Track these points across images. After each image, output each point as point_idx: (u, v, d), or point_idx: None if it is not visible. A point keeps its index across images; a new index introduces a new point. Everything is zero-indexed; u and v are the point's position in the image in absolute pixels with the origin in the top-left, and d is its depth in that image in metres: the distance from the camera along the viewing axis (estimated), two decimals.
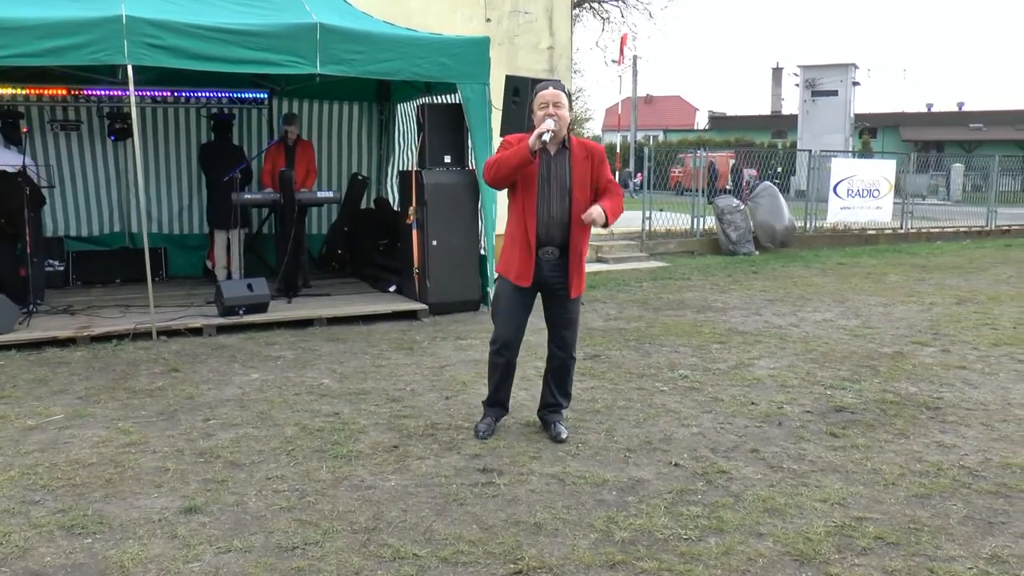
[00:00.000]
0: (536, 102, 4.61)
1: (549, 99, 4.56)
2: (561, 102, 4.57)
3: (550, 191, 4.63)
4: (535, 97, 4.63)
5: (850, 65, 42.24)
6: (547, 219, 4.63)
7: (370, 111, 11.84)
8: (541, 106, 4.56)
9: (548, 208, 4.63)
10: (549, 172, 4.64)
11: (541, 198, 4.62)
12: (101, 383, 6.03)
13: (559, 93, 4.59)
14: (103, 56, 7.11)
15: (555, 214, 4.63)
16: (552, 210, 4.63)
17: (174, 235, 10.95)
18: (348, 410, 5.45)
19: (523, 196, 4.63)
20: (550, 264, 4.69)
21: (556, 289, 4.75)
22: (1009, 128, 46.01)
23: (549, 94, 4.58)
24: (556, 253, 4.68)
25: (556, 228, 4.65)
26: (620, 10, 41.29)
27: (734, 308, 9.37)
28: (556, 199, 4.63)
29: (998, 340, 7.74)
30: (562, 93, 4.61)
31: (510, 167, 4.53)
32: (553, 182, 4.64)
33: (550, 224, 4.63)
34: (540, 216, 4.62)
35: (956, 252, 15.70)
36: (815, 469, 4.52)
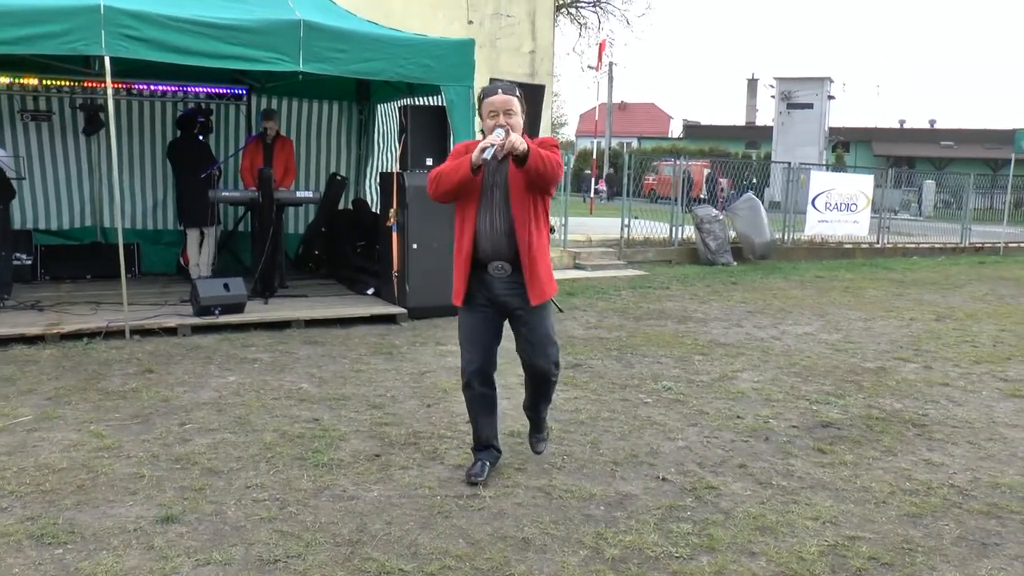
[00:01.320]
0: (484, 109, 4.04)
1: (499, 106, 3.99)
2: (513, 108, 4.00)
3: (492, 199, 4.09)
4: (482, 104, 4.06)
5: (825, 79, 42.61)
6: (489, 231, 4.07)
7: (350, 111, 11.70)
8: (491, 114, 4.00)
9: (490, 218, 4.08)
10: (492, 179, 4.10)
11: (483, 208, 4.09)
12: (72, 383, 5.84)
13: (510, 99, 4.01)
14: (80, 46, 6.93)
15: (499, 225, 4.07)
16: (495, 221, 4.07)
17: (147, 231, 10.74)
18: (328, 416, 5.31)
19: (463, 206, 4.14)
20: (503, 282, 4.13)
21: (514, 308, 4.18)
22: (979, 147, 46.66)
23: (499, 100, 4.00)
24: (508, 268, 4.11)
25: (502, 240, 4.07)
26: (598, 16, 41.46)
27: (715, 319, 9.33)
28: (499, 208, 4.08)
29: (979, 357, 7.75)
30: (514, 98, 4.03)
31: (451, 182, 4.01)
32: (495, 190, 4.10)
33: (494, 236, 4.07)
34: (481, 228, 4.08)
35: (932, 268, 15.81)
36: (804, 486, 4.46)
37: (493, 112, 4.00)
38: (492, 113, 4.00)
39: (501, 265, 4.11)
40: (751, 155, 46.05)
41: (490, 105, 4.01)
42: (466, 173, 3.95)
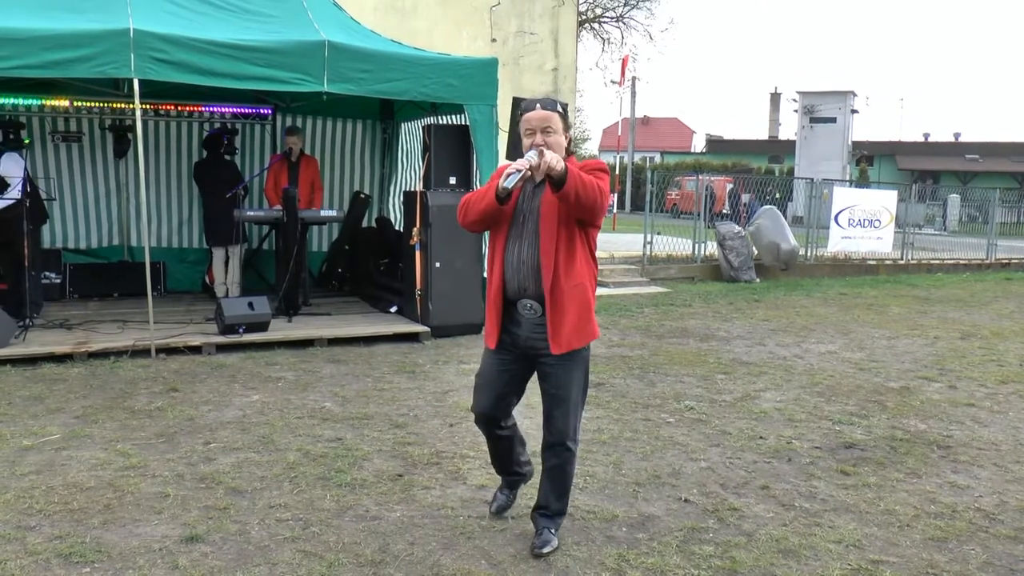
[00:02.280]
0: (521, 127, 3.64)
1: (536, 123, 3.57)
2: (552, 126, 3.57)
3: (523, 229, 3.66)
4: (521, 119, 3.65)
5: (848, 92, 42.41)
6: (516, 264, 3.64)
7: (373, 129, 11.79)
8: (527, 132, 3.61)
9: (518, 250, 3.65)
10: (526, 205, 3.68)
11: (512, 238, 3.68)
12: (99, 402, 5.92)
13: (550, 115, 3.59)
14: (109, 69, 7.05)
15: (526, 256, 3.63)
16: (523, 252, 3.64)
17: (173, 249, 10.87)
18: (351, 435, 5.35)
19: (494, 235, 3.74)
20: (531, 323, 3.68)
21: (539, 352, 3.69)
22: (1005, 160, 46.26)
23: (536, 117, 3.58)
24: (537, 309, 3.64)
25: (528, 275, 3.63)
26: (620, 31, 41.57)
27: (737, 337, 9.30)
28: (529, 238, 3.64)
29: (1005, 377, 7.68)
30: (554, 114, 3.60)
31: (477, 210, 3.63)
32: (527, 218, 3.66)
33: (520, 271, 3.64)
34: (508, 261, 3.67)
35: (957, 284, 15.68)
36: (828, 508, 4.44)
37: (530, 130, 3.60)
38: (529, 131, 3.61)
39: (530, 304, 3.66)
40: (774, 170, 45.88)
41: (527, 122, 3.62)
42: (491, 201, 3.56)
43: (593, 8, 38.54)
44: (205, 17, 8.04)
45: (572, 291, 3.62)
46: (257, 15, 8.42)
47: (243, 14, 8.39)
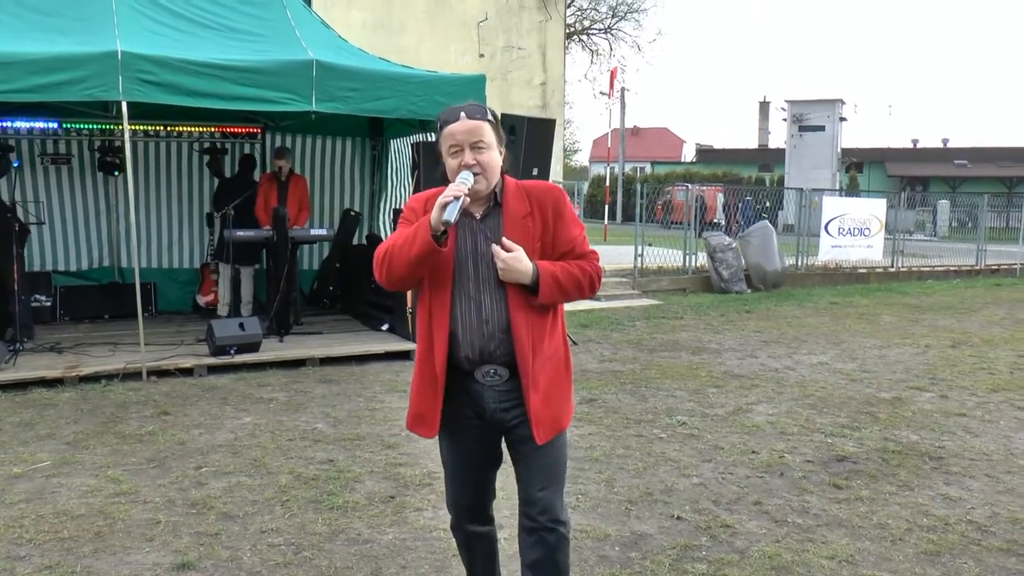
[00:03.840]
0: (443, 143, 2.82)
1: (462, 137, 2.77)
2: (483, 140, 2.78)
3: (475, 276, 2.83)
4: (440, 134, 2.83)
5: (837, 101, 42.65)
6: (476, 325, 2.81)
7: (363, 146, 11.80)
8: (452, 150, 2.80)
9: (474, 305, 2.82)
10: (471, 246, 2.84)
11: (460, 290, 2.83)
12: (90, 427, 5.90)
13: (478, 125, 2.79)
14: (98, 92, 7.05)
15: (488, 312, 2.81)
16: (483, 307, 2.81)
17: (163, 269, 10.84)
18: (343, 457, 5.34)
19: (431, 289, 2.85)
20: (496, 392, 2.86)
21: (513, 427, 2.91)
22: (992, 165, 46.48)
23: (461, 129, 2.78)
24: (504, 374, 2.84)
25: (492, 335, 2.81)
26: (609, 43, 41.76)
27: (729, 350, 9.32)
28: (486, 286, 2.81)
29: (996, 385, 7.71)
30: (484, 123, 2.81)
31: (405, 261, 2.75)
32: (478, 262, 2.83)
33: (481, 331, 2.81)
34: (462, 321, 2.81)
35: (947, 291, 15.74)
36: (820, 523, 4.44)
37: (455, 147, 2.79)
38: (454, 149, 2.79)
39: (493, 371, 2.84)
40: (764, 179, 46.04)
41: (450, 137, 2.80)
42: (426, 244, 2.69)
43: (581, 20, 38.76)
44: (193, 37, 8.05)
45: (554, 356, 2.91)
46: (245, 35, 8.44)
47: (231, 34, 8.40)
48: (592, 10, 40.39)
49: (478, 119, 2.80)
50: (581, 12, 39.40)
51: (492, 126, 2.84)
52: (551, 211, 2.87)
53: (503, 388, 2.87)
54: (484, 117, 2.82)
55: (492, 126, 2.84)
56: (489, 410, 2.89)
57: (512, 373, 2.85)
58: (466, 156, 2.77)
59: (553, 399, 2.89)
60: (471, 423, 2.92)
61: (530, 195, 2.89)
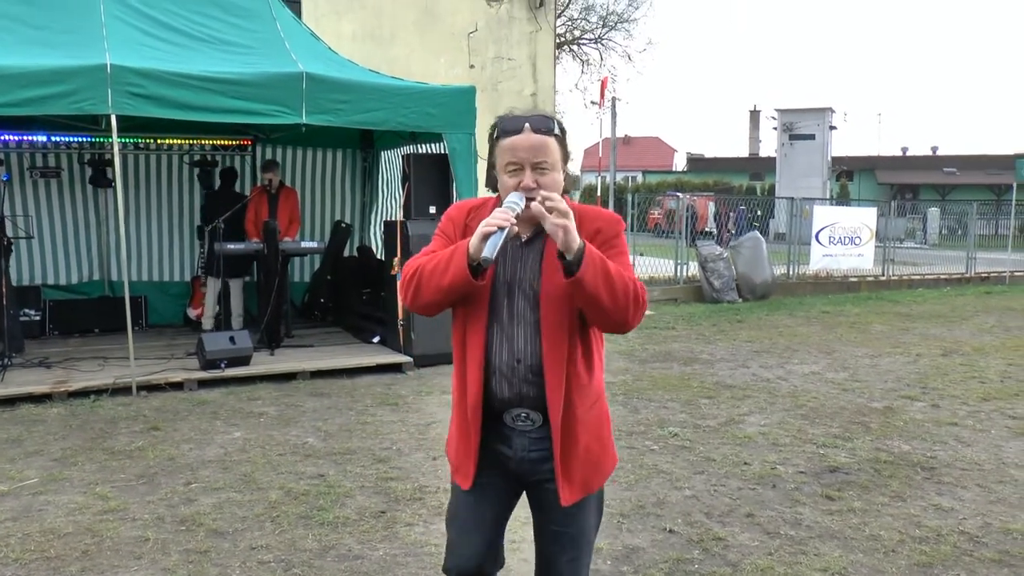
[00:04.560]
0: (500, 158, 2.43)
1: (524, 156, 2.37)
2: (548, 160, 2.38)
3: (513, 309, 2.47)
4: (497, 145, 2.44)
5: (827, 109, 42.75)
6: (507, 360, 2.47)
7: (353, 158, 11.79)
8: (510, 168, 2.40)
9: (507, 342, 2.47)
10: (510, 273, 2.49)
11: (496, 322, 2.48)
12: (78, 443, 5.85)
13: (544, 141, 2.38)
14: (87, 106, 7.03)
15: (521, 349, 2.46)
16: (515, 345, 2.46)
17: (154, 282, 10.80)
18: (333, 472, 5.31)
19: (464, 318, 2.52)
20: (527, 438, 2.52)
21: (540, 482, 2.55)
22: (981, 173, 46.68)
23: (524, 144, 2.37)
24: (537, 419, 2.49)
25: (526, 376, 2.46)
26: (599, 52, 41.80)
27: (721, 360, 9.31)
28: (522, 324, 2.46)
29: (987, 394, 7.71)
30: (551, 139, 2.39)
31: (438, 288, 2.39)
32: (517, 292, 2.47)
33: (514, 369, 2.46)
34: (493, 356, 2.48)
35: (938, 300, 15.77)
36: (813, 535, 4.43)
37: (514, 165, 2.38)
38: (512, 167, 2.39)
39: (525, 414, 2.50)
40: (755, 187, 46.16)
41: (511, 152, 2.39)
42: (460, 275, 2.33)
43: (572, 31, 38.84)
44: (182, 49, 8.04)
45: (591, 410, 2.52)
46: (234, 47, 8.43)
47: (220, 46, 8.39)
48: (582, 20, 40.45)
49: (544, 133, 2.38)
50: (571, 22, 39.47)
51: (559, 143, 2.42)
52: (600, 239, 2.41)
53: (536, 434, 2.50)
54: (551, 132, 2.39)
55: (559, 143, 2.42)
56: (517, 457, 2.53)
57: (545, 420, 2.48)
58: (526, 178, 2.35)
59: (592, 454, 2.52)
60: (490, 473, 2.56)
61: (584, 219, 2.41)
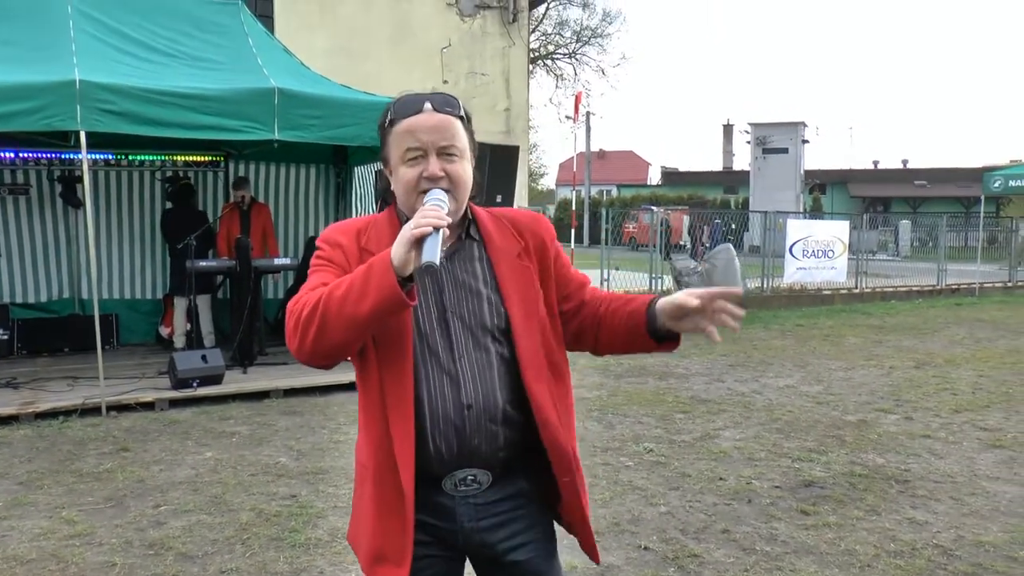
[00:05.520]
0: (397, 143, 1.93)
1: (427, 138, 1.90)
2: (456, 145, 1.93)
3: (447, 340, 1.96)
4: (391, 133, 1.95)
5: (799, 123, 43.12)
6: (448, 408, 1.92)
7: (327, 173, 11.72)
8: (410, 155, 1.91)
9: (451, 381, 1.93)
10: (435, 297, 1.98)
11: (427, 360, 1.94)
12: (45, 466, 5.75)
13: (450, 121, 1.93)
14: (56, 122, 6.94)
15: (469, 393, 1.93)
16: (464, 383, 1.93)
17: (125, 300, 10.67)
18: (306, 492, 5.25)
19: (381, 363, 1.93)
20: (471, 506, 1.99)
21: (500, 554, 2.04)
22: (951, 185, 47.26)
23: (425, 123, 1.91)
24: (484, 480, 1.98)
25: (478, 424, 1.93)
26: (573, 67, 42.06)
27: (696, 374, 9.32)
28: (464, 354, 1.95)
29: (959, 406, 7.76)
30: (457, 121, 1.95)
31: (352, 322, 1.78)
32: (449, 318, 1.97)
33: (460, 418, 1.92)
34: (433, 404, 1.92)
35: (910, 311, 15.90)
36: (788, 551, 4.42)
37: (415, 152, 1.91)
38: (413, 153, 1.91)
39: (472, 476, 1.98)
40: (729, 200, 46.45)
41: (408, 136, 1.92)
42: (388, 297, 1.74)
43: (546, 45, 39.04)
44: (152, 65, 7.98)
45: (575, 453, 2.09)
46: (205, 62, 8.38)
47: (191, 61, 8.33)
48: (556, 35, 40.75)
49: (449, 113, 1.94)
50: (546, 37, 39.73)
51: (466, 126, 1.99)
52: (550, 248, 2.09)
53: (481, 501, 1.99)
54: (456, 112, 1.96)
55: (466, 126, 1.99)
56: (465, 529, 2.00)
57: (496, 476, 1.99)
58: (431, 165, 1.88)
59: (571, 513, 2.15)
60: (430, 545, 2.00)
61: (518, 227, 2.07)
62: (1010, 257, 21.75)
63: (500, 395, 1.96)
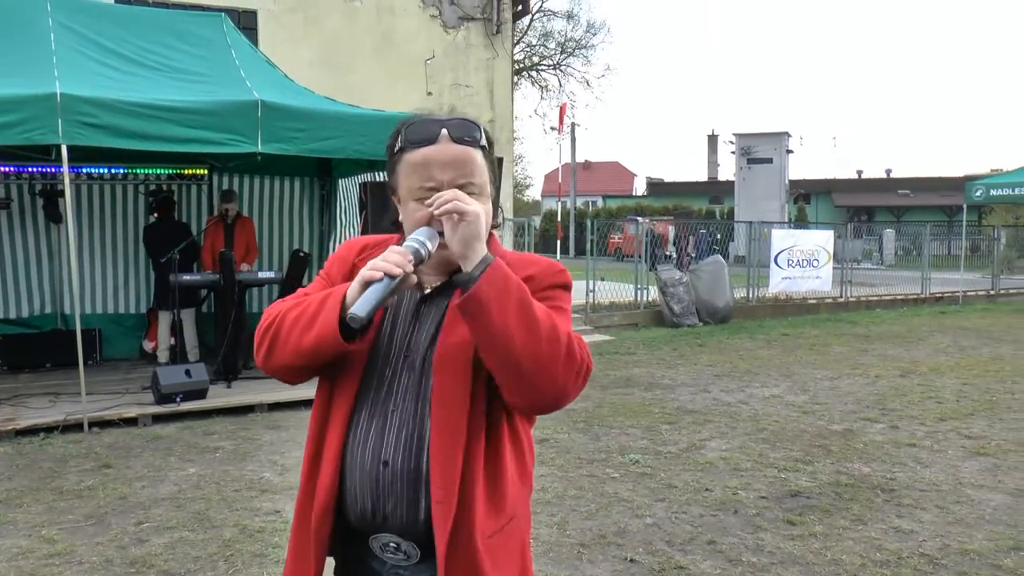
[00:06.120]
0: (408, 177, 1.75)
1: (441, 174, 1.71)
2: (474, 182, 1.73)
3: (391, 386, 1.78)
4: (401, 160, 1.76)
5: (783, 134, 43.35)
6: (369, 460, 1.73)
7: (311, 186, 11.68)
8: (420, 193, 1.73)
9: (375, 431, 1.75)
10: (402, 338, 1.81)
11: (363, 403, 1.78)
12: (24, 483, 5.68)
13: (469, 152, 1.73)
14: (36, 136, 6.87)
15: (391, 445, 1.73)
16: (386, 435, 1.74)
17: (108, 315, 10.59)
18: (290, 507, 5.16)
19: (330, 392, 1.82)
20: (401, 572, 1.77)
21: None
22: (935, 194, 47.59)
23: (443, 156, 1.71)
24: (413, 553, 1.75)
25: (392, 486, 1.71)
26: (558, 78, 42.16)
27: (682, 385, 9.32)
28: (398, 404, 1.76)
29: (943, 414, 7.79)
30: (476, 151, 1.74)
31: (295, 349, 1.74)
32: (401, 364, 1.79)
33: (377, 475, 1.72)
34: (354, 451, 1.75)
35: (895, 320, 15.96)
36: (775, 561, 4.41)
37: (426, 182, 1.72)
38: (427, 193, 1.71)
39: (395, 544, 1.74)
40: (715, 211, 46.62)
41: (424, 168, 1.72)
42: (327, 335, 1.69)
43: (530, 57, 39.15)
44: (135, 78, 7.94)
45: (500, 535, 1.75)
46: (188, 74, 8.35)
47: (174, 74, 8.30)
48: (541, 47, 40.86)
49: (468, 144, 1.71)
50: (530, 48, 39.83)
51: (486, 156, 1.75)
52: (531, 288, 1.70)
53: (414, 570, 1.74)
54: (477, 142, 1.72)
55: (486, 156, 1.75)
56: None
57: (424, 552, 1.72)
58: (445, 202, 1.64)
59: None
60: None
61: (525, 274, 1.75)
62: (993, 265, 21.91)
63: (424, 455, 1.68)
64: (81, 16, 8.42)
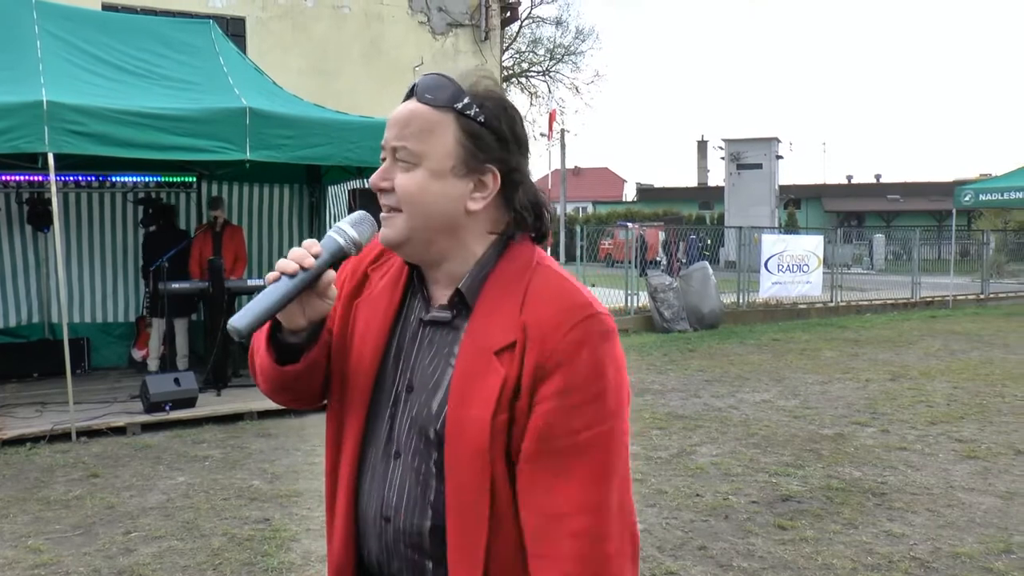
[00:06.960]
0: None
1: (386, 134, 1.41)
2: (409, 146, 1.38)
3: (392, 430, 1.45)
4: None
5: (773, 139, 43.46)
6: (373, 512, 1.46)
7: (300, 193, 11.66)
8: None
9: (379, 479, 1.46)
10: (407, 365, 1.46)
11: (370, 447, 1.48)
12: (11, 494, 5.63)
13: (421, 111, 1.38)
14: (23, 144, 6.84)
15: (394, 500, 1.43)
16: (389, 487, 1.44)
17: (97, 324, 10.53)
18: (279, 515, 5.17)
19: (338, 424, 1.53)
20: None
21: None
22: (924, 199, 47.79)
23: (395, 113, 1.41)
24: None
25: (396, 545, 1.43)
26: (547, 85, 42.17)
27: (672, 390, 9.31)
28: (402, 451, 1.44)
29: (934, 418, 7.80)
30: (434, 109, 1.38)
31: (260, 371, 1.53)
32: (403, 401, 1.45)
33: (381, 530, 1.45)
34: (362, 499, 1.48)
35: (885, 324, 16.00)
36: (766, 566, 4.40)
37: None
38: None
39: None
40: (705, 216, 46.71)
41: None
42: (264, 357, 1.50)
43: (519, 63, 39.16)
44: (122, 85, 7.91)
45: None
46: (176, 82, 8.32)
47: (162, 81, 8.27)
48: (530, 53, 40.84)
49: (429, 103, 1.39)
50: (519, 55, 39.81)
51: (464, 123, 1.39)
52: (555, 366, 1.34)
53: None
54: (441, 101, 1.39)
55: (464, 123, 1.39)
56: None
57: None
58: (376, 173, 1.42)
59: None
60: None
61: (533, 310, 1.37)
62: (982, 269, 22.00)
63: (428, 517, 1.40)
64: (68, 23, 8.39)
